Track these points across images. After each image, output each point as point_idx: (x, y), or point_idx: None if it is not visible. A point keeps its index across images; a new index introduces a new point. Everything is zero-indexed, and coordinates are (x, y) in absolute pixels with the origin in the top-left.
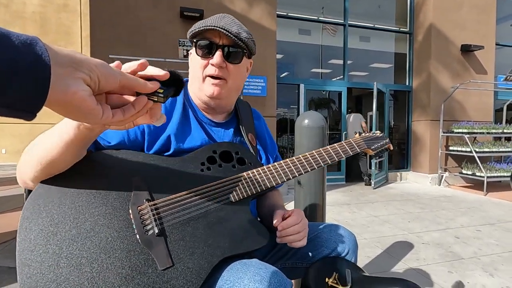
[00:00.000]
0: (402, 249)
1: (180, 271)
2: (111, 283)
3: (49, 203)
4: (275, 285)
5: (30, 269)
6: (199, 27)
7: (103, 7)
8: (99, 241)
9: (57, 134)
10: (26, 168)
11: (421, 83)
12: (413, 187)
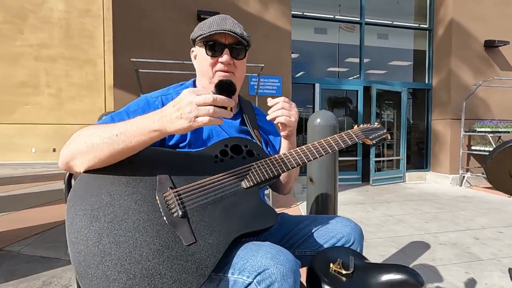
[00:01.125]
0: (417, 249)
1: (202, 246)
2: (145, 256)
3: (89, 193)
4: (283, 261)
5: (79, 246)
6: (209, 31)
7: (124, 12)
8: (133, 222)
9: (138, 139)
10: (82, 159)
11: (441, 81)
12: (432, 187)
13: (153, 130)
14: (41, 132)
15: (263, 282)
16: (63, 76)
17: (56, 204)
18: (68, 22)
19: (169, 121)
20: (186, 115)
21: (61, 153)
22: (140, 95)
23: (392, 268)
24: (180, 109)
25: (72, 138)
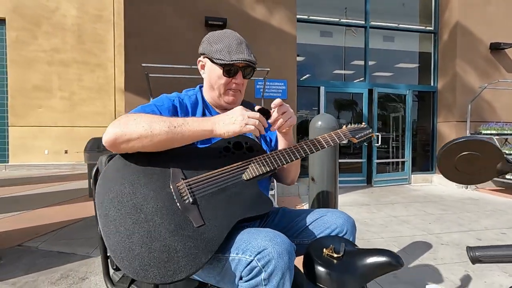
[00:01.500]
0: (419, 249)
1: (210, 228)
2: (163, 235)
3: (116, 182)
4: (280, 243)
5: (110, 226)
6: (230, 59)
7: (136, 19)
8: (151, 207)
9: (190, 134)
10: (138, 141)
11: (446, 83)
12: (437, 190)
13: (205, 130)
14: (54, 134)
15: (262, 259)
16: (75, 80)
17: (69, 203)
18: (80, 27)
19: (222, 125)
20: (239, 122)
21: (113, 131)
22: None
23: (377, 251)
24: (234, 117)
25: (126, 120)
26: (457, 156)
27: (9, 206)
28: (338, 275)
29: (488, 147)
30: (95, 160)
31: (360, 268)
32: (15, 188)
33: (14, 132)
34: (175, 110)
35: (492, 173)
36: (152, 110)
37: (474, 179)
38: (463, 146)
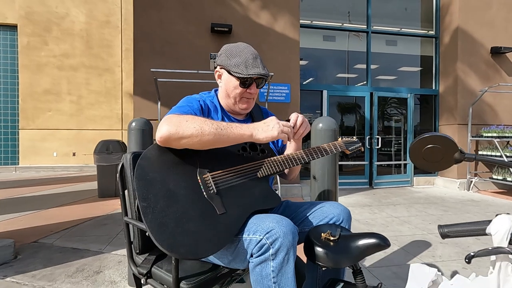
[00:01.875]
0: (418, 247)
1: (230, 215)
2: (193, 217)
3: (150, 170)
4: (285, 224)
5: (149, 208)
6: (248, 74)
7: (144, 24)
8: (182, 193)
9: (233, 137)
10: (189, 139)
11: (448, 87)
12: (439, 191)
13: (246, 134)
14: (62, 137)
15: (270, 237)
16: (84, 84)
17: (79, 203)
18: (89, 33)
19: (261, 131)
20: (276, 129)
21: (167, 129)
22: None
23: (367, 234)
24: (270, 125)
25: (178, 120)
26: (424, 148)
27: (22, 206)
28: (334, 255)
29: (446, 141)
30: (104, 162)
31: (353, 249)
32: (26, 189)
33: (24, 134)
34: (202, 110)
35: (451, 162)
36: (188, 111)
37: (438, 166)
38: (427, 140)
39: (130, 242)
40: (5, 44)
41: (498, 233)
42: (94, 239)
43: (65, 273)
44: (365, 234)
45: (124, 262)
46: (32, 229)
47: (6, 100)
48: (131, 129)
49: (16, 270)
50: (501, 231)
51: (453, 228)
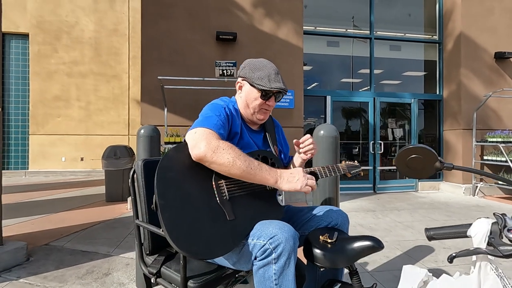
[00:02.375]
0: (421, 252)
1: (238, 222)
2: (205, 220)
3: (171, 177)
4: (287, 231)
5: (167, 206)
6: (270, 87)
7: (151, 33)
8: (197, 197)
9: (258, 179)
10: (219, 166)
11: (451, 92)
12: (444, 197)
13: (270, 180)
14: (71, 142)
15: (273, 243)
16: (92, 91)
17: (88, 207)
18: (97, 41)
19: (286, 182)
20: (300, 182)
21: (203, 152)
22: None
23: (363, 237)
24: (296, 177)
25: (216, 145)
26: (408, 158)
27: (33, 209)
28: (331, 256)
29: (427, 152)
30: (112, 167)
31: (349, 250)
32: (36, 194)
33: (34, 140)
34: (228, 117)
35: (432, 170)
36: (218, 124)
37: (421, 173)
38: (410, 151)
39: (140, 243)
40: (17, 52)
41: (477, 235)
42: (103, 242)
43: (76, 274)
44: (361, 237)
45: (132, 265)
46: (43, 232)
47: (17, 106)
48: (140, 136)
49: (28, 271)
50: (479, 233)
51: (438, 231)
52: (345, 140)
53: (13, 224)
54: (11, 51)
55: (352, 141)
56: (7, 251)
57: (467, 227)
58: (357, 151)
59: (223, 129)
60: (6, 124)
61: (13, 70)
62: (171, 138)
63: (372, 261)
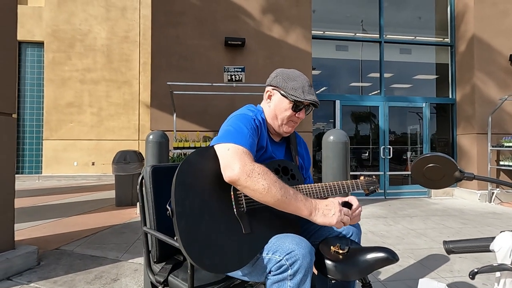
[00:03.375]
0: (435, 261)
1: (254, 236)
2: (220, 231)
3: (190, 184)
4: (304, 246)
5: (184, 214)
6: (304, 98)
7: (161, 40)
8: (215, 206)
9: (291, 209)
10: (251, 191)
11: (465, 95)
12: (458, 203)
13: (304, 212)
14: (83, 147)
15: (290, 259)
16: (104, 97)
17: (98, 212)
18: (109, 48)
19: (320, 215)
20: (336, 218)
21: (237, 175)
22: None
23: (376, 248)
24: (332, 211)
25: (251, 169)
26: (424, 167)
27: (45, 213)
28: (343, 268)
29: (445, 161)
30: (121, 172)
31: (362, 262)
32: (48, 197)
33: (47, 145)
34: (257, 130)
35: (451, 180)
36: (249, 141)
37: (438, 184)
38: (428, 160)
39: (148, 251)
40: (33, 59)
41: (501, 250)
42: (112, 247)
43: (85, 279)
44: (374, 248)
45: (140, 271)
46: (54, 236)
47: (32, 112)
48: (149, 141)
49: (39, 276)
50: (504, 248)
51: (458, 244)
52: (354, 145)
53: (25, 228)
54: (27, 58)
55: (361, 146)
56: (19, 255)
57: (489, 241)
58: (366, 156)
59: (254, 147)
60: (21, 129)
61: (28, 77)
62: (179, 143)
63: (384, 270)
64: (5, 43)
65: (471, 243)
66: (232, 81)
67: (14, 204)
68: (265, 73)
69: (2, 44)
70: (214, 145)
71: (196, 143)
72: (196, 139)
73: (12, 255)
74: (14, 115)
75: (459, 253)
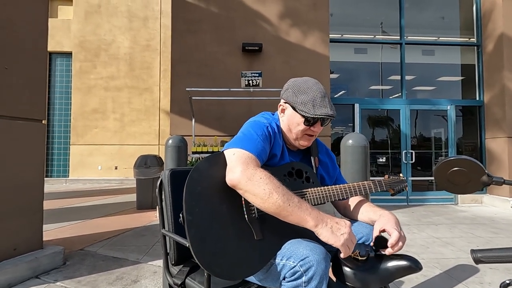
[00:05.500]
0: (464, 272)
1: (266, 243)
2: (231, 237)
3: (200, 192)
4: (319, 252)
5: (194, 222)
6: (314, 114)
7: (180, 47)
8: (225, 213)
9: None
10: (252, 197)
11: (493, 97)
12: (488, 211)
13: (310, 223)
14: (106, 152)
15: (304, 265)
16: (126, 103)
17: (120, 214)
18: (132, 56)
19: (327, 230)
20: (342, 240)
21: (238, 178)
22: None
23: (398, 256)
24: (341, 230)
25: (253, 173)
26: (449, 171)
27: (71, 215)
28: (362, 275)
29: (472, 164)
30: (142, 176)
31: (382, 270)
32: (74, 200)
33: (74, 150)
34: (270, 137)
35: (478, 185)
36: (259, 147)
37: (464, 189)
38: (453, 163)
39: (166, 253)
40: (62, 69)
41: None
42: (133, 249)
43: (107, 280)
44: (396, 255)
45: (159, 273)
46: (79, 237)
47: (60, 118)
48: (168, 146)
49: (65, 275)
50: None
51: (488, 254)
52: (373, 149)
53: (53, 229)
54: (56, 68)
55: (381, 150)
56: (47, 254)
57: None
58: (384, 161)
59: (264, 154)
60: (50, 135)
61: (57, 86)
62: (198, 148)
63: (408, 279)
64: (36, 55)
65: (503, 253)
66: (250, 86)
67: (43, 206)
68: (282, 78)
69: (34, 56)
70: (223, 150)
71: (214, 148)
72: (214, 143)
73: (41, 254)
74: (44, 121)
75: (489, 263)
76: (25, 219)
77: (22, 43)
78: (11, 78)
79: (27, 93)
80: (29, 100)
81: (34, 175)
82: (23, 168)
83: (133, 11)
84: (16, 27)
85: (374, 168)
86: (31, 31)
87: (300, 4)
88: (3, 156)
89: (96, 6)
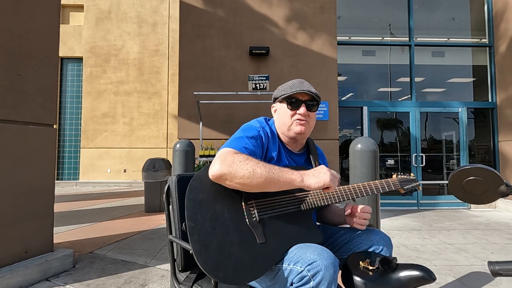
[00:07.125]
0: (478, 280)
1: (269, 246)
2: (233, 242)
3: (201, 199)
4: (327, 257)
5: (196, 229)
6: (291, 91)
7: (188, 52)
8: (227, 219)
9: (283, 181)
10: (240, 180)
11: (507, 99)
12: (503, 216)
13: (296, 180)
14: (116, 155)
15: (311, 270)
16: (135, 107)
17: (128, 217)
18: (141, 61)
19: (312, 177)
20: (328, 174)
21: (220, 169)
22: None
23: (410, 266)
24: (322, 172)
25: (232, 160)
26: (464, 180)
27: (81, 218)
28: (373, 285)
29: (490, 174)
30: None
31: (394, 280)
32: (84, 203)
33: (84, 153)
34: (262, 139)
35: (496, 195)
36: (246, 144)
37: (481, 199)
38: (468, 172)
39: (173, 259)
40: (73, 74)
41: None
42: (141, 253)
43: (115, 284)
44: (408, 265)
45: (167, 277)
46: (89, 241)
47: (71, 122)
48: (176, 150)
49: (74, 278)
50: None
51: (506, 266)
52: (382, 152)
53: (63, 232)
54: (67, 73)
55: (390, 153)
56: (57, 257)
57: None
58: (394, 164)
59: (250, 149)
60: (61, 138)
61: (69, 90)
62: (205, 151)
63: None
64: (48, 61)
65: None
66: (257, 89)
67: (53, 209)
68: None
69: (46, 62)
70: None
71: None
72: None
73: (51, 257)
74: (55, 126)
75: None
76: (36, 223)
77: (34, 50)
78: (24, 84)
79: (39, 99)
80: (41, 106)
81: (45, 179)
82: (35, 172)
83: (143, 17)
84: (29, 35)
85: (384, 172)
86: (43, 39)
87: (307, 7)
88: (16, 160)
89: (106, 12)
